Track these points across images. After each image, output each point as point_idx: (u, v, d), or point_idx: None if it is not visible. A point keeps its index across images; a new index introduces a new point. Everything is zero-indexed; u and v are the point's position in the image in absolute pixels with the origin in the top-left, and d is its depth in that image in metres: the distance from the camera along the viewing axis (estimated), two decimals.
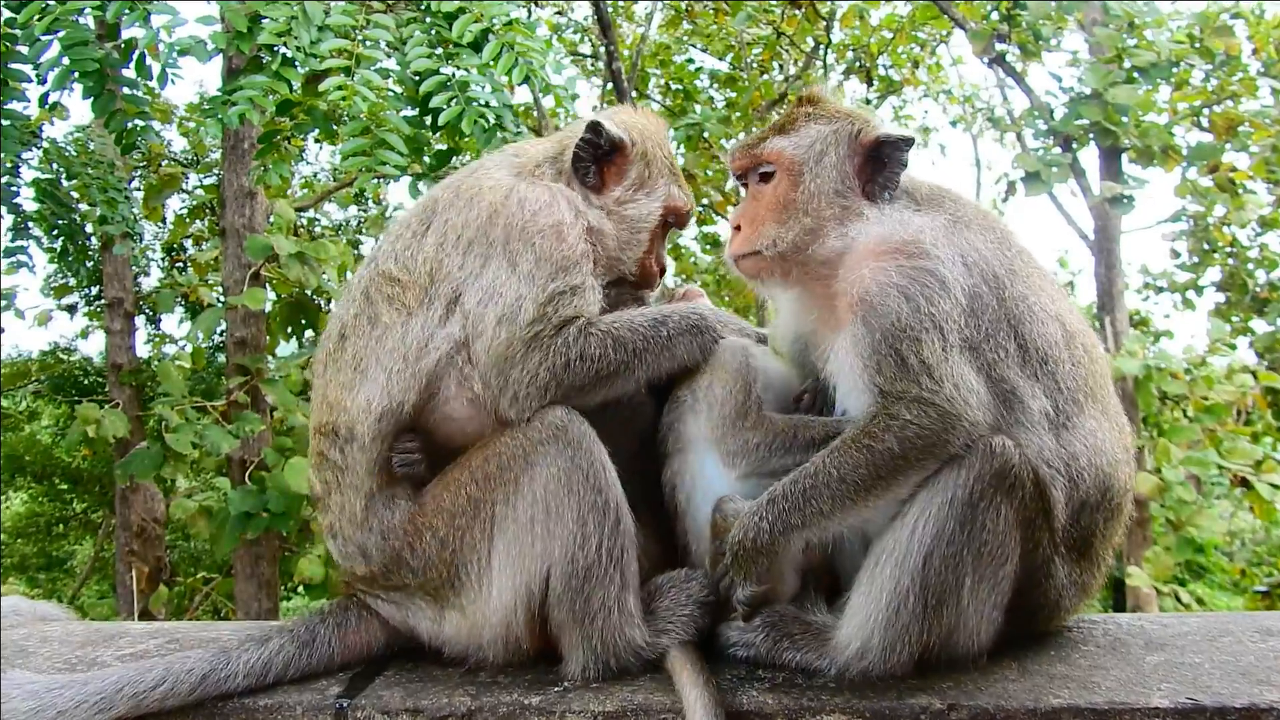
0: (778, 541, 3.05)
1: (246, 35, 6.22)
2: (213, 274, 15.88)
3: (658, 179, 3.67)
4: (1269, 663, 3.15)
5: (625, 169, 3.64)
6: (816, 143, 3.36)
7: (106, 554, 20.69)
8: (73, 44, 6.07)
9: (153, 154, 16.60)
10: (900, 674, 2.97)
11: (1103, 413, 3.30)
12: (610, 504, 3.08)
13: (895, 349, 2.97)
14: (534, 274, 3.22)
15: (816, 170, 3.33)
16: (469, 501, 3.14)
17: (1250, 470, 13.88)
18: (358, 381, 3.30)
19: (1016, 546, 2.96)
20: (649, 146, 3.69)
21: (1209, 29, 15.12)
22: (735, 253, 3.41)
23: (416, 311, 3.29)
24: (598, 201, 3.58)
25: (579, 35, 22.01)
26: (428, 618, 3.27)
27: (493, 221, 3.30)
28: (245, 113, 6.12)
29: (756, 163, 3.44)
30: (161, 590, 15.04)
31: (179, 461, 12.66)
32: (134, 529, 15.55)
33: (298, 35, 6.17)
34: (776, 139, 3.41)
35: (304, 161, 21.90)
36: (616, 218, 3.58)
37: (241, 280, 13.30)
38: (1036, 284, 3.31)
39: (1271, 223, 18.09)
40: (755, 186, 3.45)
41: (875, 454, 2.95)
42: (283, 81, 6.21)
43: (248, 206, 13.68)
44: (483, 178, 3.48)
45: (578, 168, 3.59)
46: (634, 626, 3.11)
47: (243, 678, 3.08)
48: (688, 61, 21.84)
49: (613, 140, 3.58)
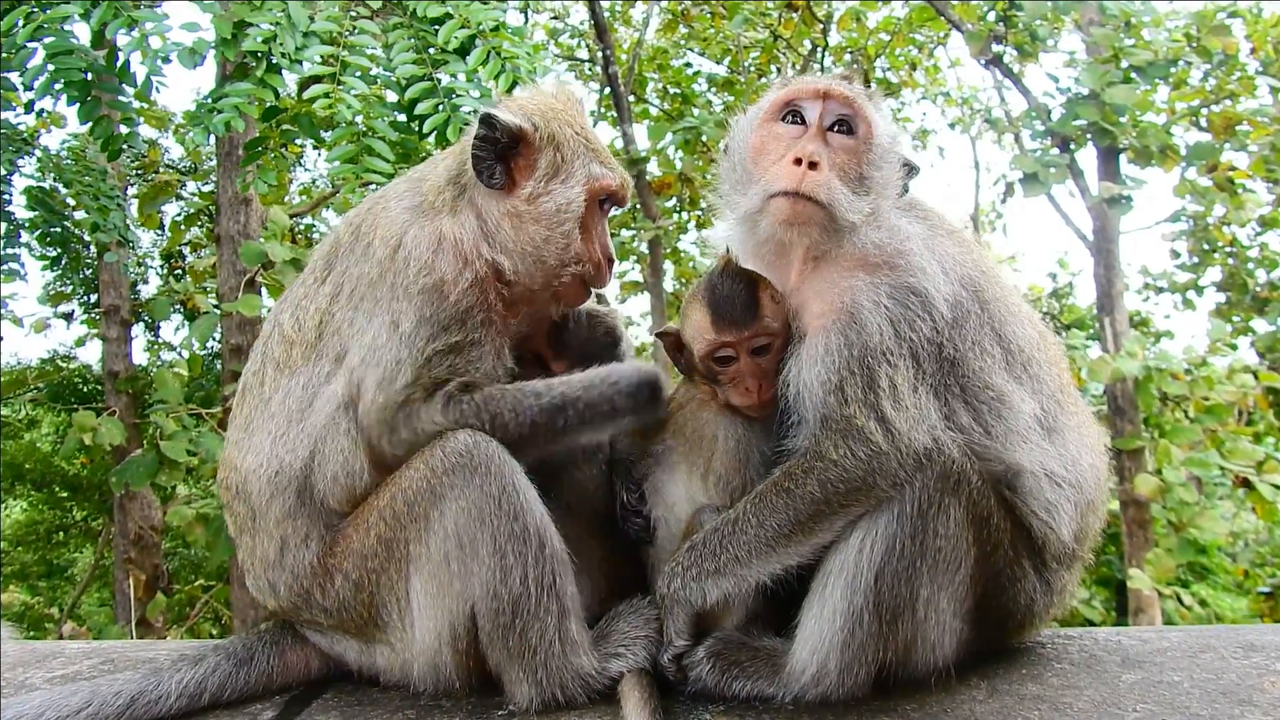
0: (692, 592, 2.95)
1: (231, 42, 6.19)
2: (209, 281, 15.86)
3: (574, 162, 3.27)
4: (1251, 681, 3.02)
5: (534, 159, 3.25)
6: (893, 134, 3.23)
7: (106, 562, 20.64)
8: (57, 51, 6.05)
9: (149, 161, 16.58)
10: (860, 696, 2.87)
11: (1076, 408, 3.25)
12: (530, 529, 2.90)
13: (868, 368, 2.87)
14: (414, 335, 3.02)
15: (888, 159, 3.18)
16: (379, 542, 2.99)
17: (1252, 471, 13.79)
18: (246, 442, 3.18)
19: (971, 548, 2.86)
20: (556, 128, 3.30)
21: (1206, 28, 15.04)
22: (807, 189, 3.00)
23: (301, 370, 3.15)
24: (507, 204, 3.23)
25: (576, 40, 21.98)
26: (355, 650, 3.17)
27: (382, 278, 3.10)
28: (231, 120, 6.08)
29: (850, 110, 3.14)
30: (159, 598, 15.02)
31: (174, 469, 12.60)
32: (131, 537, 15.55)
33: (283, 42, 6.14)
34: (871, 107, 3.17)
35: (302, 168, 21.84)
36: (532, 216, 3.22)
37: (237, 287, 13.25)
38: (1005, 285, 3.25)
39: (1271, 222, 18.00)
40: (832, 135, 3.13)
41: (795, 498, 2.86)
42: (268, 88, 6.18)
43: (243, 213, 13.67)
44: (380, 216, 3.25)
45: (480, 170, 3.22)
46: (580, 654, 2.96)
47: (175, 699, 2.98)
48: (685, 65, 21.82)
49: (510, 131, 3.21)
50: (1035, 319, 3.30)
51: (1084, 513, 3.13)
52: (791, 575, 2.95)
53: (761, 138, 3.21)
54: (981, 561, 2.90)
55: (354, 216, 3.34)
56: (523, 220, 3.23)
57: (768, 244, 3.18)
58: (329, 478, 3.08)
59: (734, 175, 3.28)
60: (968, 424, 2.95)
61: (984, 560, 2.90)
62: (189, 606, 17.60)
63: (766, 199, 3.06)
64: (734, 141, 3.35)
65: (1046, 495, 3.03)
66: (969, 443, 2.92)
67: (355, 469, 3.07)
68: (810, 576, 2.94)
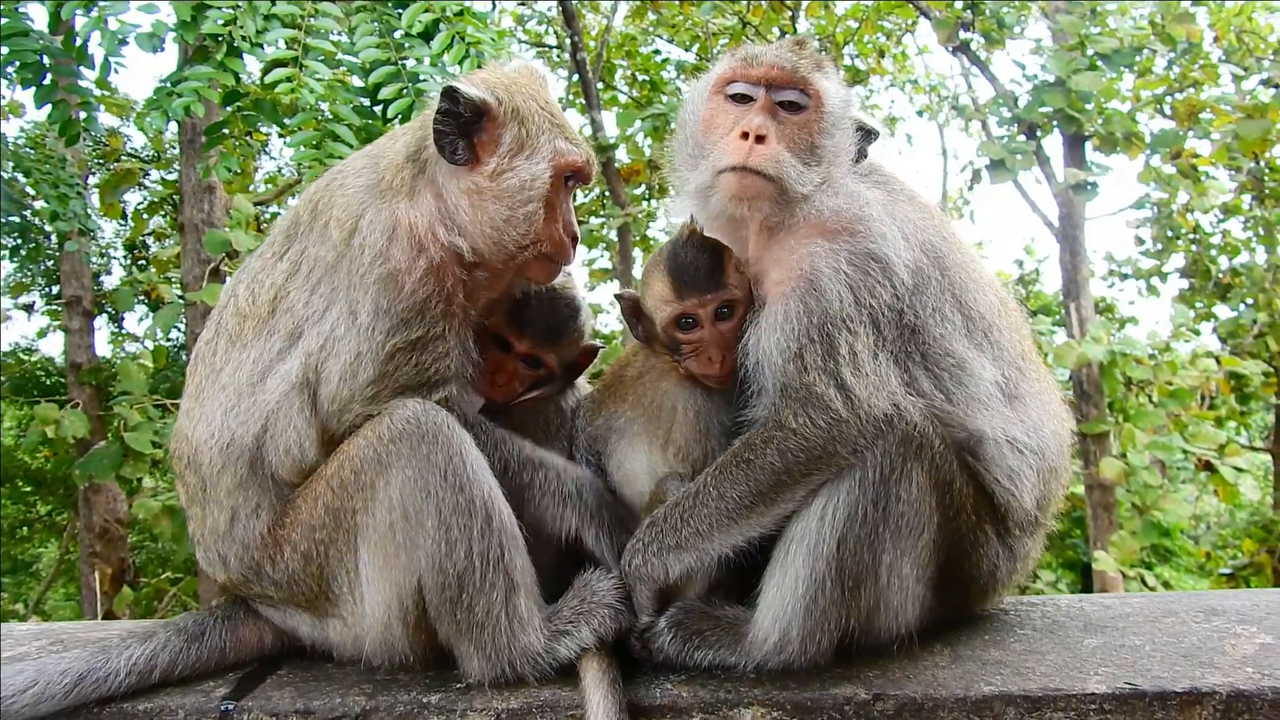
0: (654, 568, 2.95)
1: (191, 25, 6.08)
2: (173, 270, 15.68)
3: (539, 137, 3.17)
4: (1212, 644, 3.06)
5: (498, 134, 3.14)
6: (845, 100, 3.18)
7: (72, 556, 20.41)
8: (12, 33, 5.95)
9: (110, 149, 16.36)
10: (823, 663, 2.87)
11: (1038, 375, 3.25)
12: (477, 502, 2.85)
13: (828, 335, 2.84)
14: (372, 327, 2.98)
15: (841, 126, 3.13)
16: (327, 512, 2.95)
17: (1214, 454, 14.02)
18: (197, 412, 3.14)
19: (934, 513, 2.86)
20: (520, 102, 3.20)
21: (1170, 16, 15.19)
22: (754, 164, 2.96)
23: (252, 344, 3.09)
24: (468, 180, 3.14)
25: (544, 26, 21.87)
26: (307, 624, 3.12)
27: (338, 263, 3.05)
28: (190, 104, 5.99)
29: (795, 85, 3.09)
30: (126, 592, 14.88)
31: (139, 461, 12.47)
32: (97, 530, 15.37)
33: (243, 25, 6.05)
34: (819, 77, 3.12)
35: (267, 155, 21.62)
36: (495, 193, 3.13)
37: (201, 276, 13.09)
38: (966, 251, 3.24)
39: (1233, 209, 18.25)
40: (782, 111, 3.08)
41: (755, 469, 2.85)
42: (229, 73, 6.09)
43: (207, 201, 13.47)
44: (337, 194, 3.18)
45: (442, 146, 3.12)
46: (529, 632, 2.91)
47: (124, 675, 2.89)
48: (654, 52, 21.73)
49: (474, 104, 3.10)
50: (996, 285, 3.29)
51: (1046, 479, 3.13)
52: (754, 545, 2.94)
53: (711, 110, 3.17)
54: (944, 527, 2.90)
55: (313, 192, 3.27)
56: (484, 197, 3.14)
57: (720, 218, 3.15)
58: (280, 450, 3.04)
59: (685, 149, 3.24)
60: (929, 391, 2.93)
61: (947, 526, 2.91)
62: (156, 600, 17.41)
63: (715, 175, 3.03)
64: (685, 114, 3.31)
65: (1009, 462, 3.03)
66: (929, 407, 2.92)
67: (306, 445, 3.03)
68: (773, 545, 2.93)
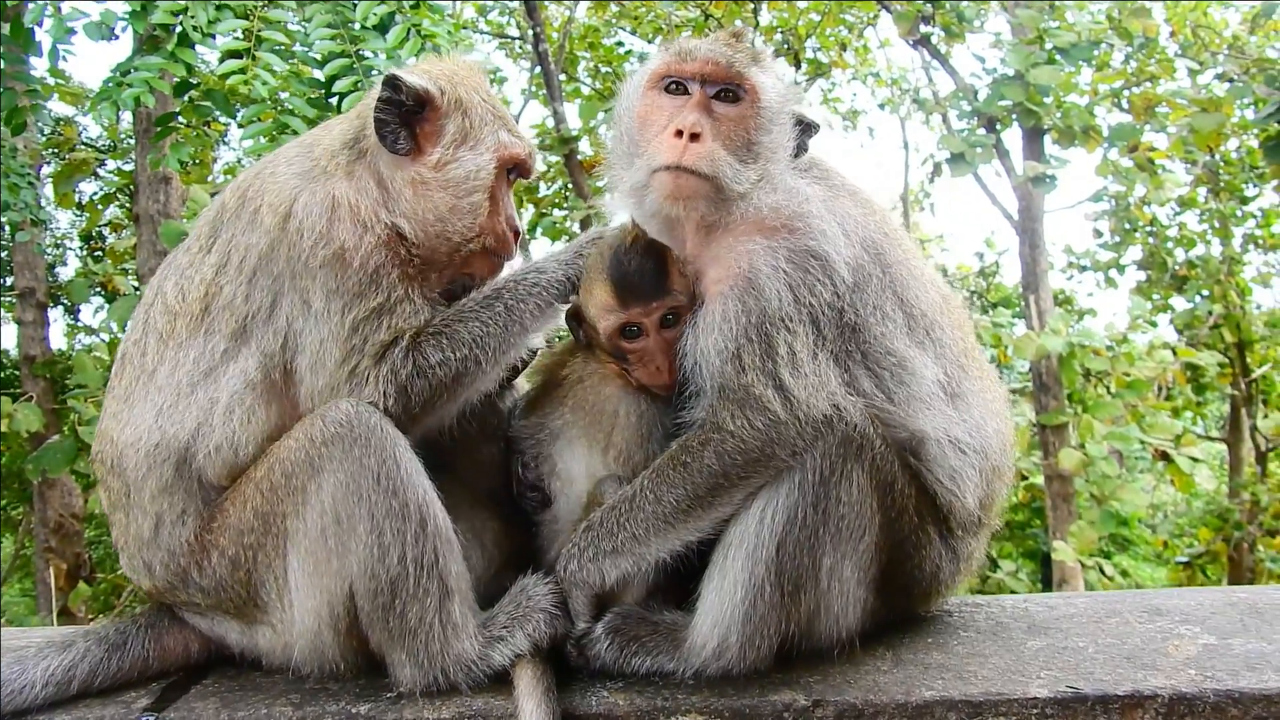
0: (590, 573, 2.92)
1: (141, 14, 5.99)
2: (129, 262, 15.46)
3: (482, 128, 3.16)
4: (1155, 645, 3.05)
5: (441, 125, 3.13)
6: (783, 95, 3.11)
7: (27, 551, 20.15)
8: None
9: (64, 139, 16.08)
10: (763, 669, 2.85)
11: (981, 373, 3.23)
12: (411, 506, 2.80)
13: (767, 335, 2.81)
14: (327, 310, 2.91)
15: (779, 121, 3.07)
16: (256, 516, 2.88)
17: (1170, 444, 14.21)
18: (125, 414, 3.05)
19: (875, 515, 2.84)
20: (463, 93, 3.19)
21: (1127, 10, 15.34)
22: (688, 163, 2.90)
23: (189, 343, 3.01)
24: (411, 171, 3.11)
25: (506, 17, 21.73)
26: (235, 631, 3.07)
27: (274, 252, 2.97)
28: (141, 95, 5.89)
29: (730, 81, 3.01)
30: (82, 587, 14.67)
31: None
32: (52, 525, 15.15)
33: (194, 14, 5.96)
34: (755, 71, 3.04)
35: (226, 146, 21.32)
36: (439, 184, 3.10)
37: (157, 267, 12.91)
38: (908, 247, 3.21)
39: (1189, 202, 18.49)
40: (716, 103, 3.01)
41: (692, 472, 2.82)
42: (179, 63, 6.00)
43: (162, 192, 13.27)
44: (267, 181, 3.08)
45: (384, 135, 3.08)
46: (463, 639, 2.87)
47: (41, 689, 2.83)
48: (617, 44, 21.65)
49: (416, 93, 3.08)
50: (939, 281, 3.27)
51: (989, 479, 3.12)
52: (693, 549, 2.92)
53: (645, 107, 3.11)
54: (886, 528, 2.88)
55: (241, 181, 3.19)
56: (429, 187, 3.12)
57: (656, 217, 3.09)
58: (211, 449, 2.96)
59: (621, 146, 3.18)
60: (869, 391, 2.92)
61: (888, 527, 2.89)
62: (114, 595, 17.19)
63: (650, 174, 2.96)
64: (620, 110, 3.24)
65: (951, 462, 3.02)
66: (870, 407, 2.89)
67: (241, 444, 2.96)
68: (713, 549, 2.90)
